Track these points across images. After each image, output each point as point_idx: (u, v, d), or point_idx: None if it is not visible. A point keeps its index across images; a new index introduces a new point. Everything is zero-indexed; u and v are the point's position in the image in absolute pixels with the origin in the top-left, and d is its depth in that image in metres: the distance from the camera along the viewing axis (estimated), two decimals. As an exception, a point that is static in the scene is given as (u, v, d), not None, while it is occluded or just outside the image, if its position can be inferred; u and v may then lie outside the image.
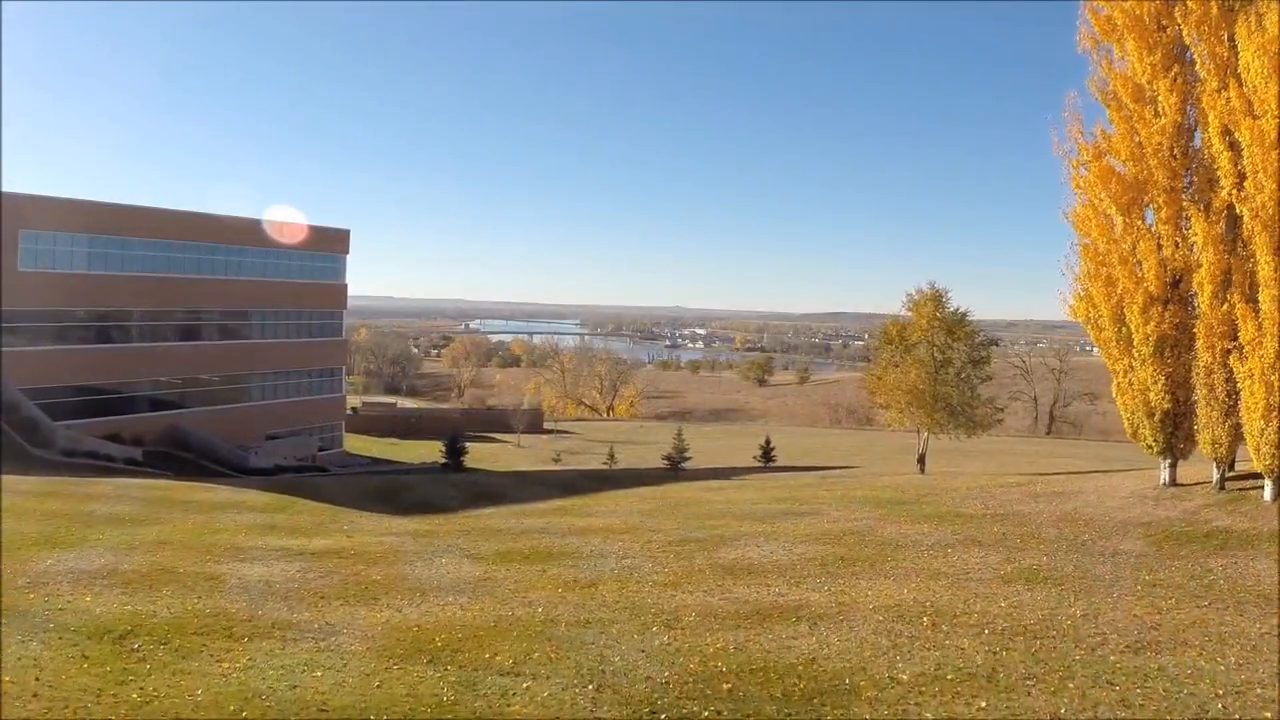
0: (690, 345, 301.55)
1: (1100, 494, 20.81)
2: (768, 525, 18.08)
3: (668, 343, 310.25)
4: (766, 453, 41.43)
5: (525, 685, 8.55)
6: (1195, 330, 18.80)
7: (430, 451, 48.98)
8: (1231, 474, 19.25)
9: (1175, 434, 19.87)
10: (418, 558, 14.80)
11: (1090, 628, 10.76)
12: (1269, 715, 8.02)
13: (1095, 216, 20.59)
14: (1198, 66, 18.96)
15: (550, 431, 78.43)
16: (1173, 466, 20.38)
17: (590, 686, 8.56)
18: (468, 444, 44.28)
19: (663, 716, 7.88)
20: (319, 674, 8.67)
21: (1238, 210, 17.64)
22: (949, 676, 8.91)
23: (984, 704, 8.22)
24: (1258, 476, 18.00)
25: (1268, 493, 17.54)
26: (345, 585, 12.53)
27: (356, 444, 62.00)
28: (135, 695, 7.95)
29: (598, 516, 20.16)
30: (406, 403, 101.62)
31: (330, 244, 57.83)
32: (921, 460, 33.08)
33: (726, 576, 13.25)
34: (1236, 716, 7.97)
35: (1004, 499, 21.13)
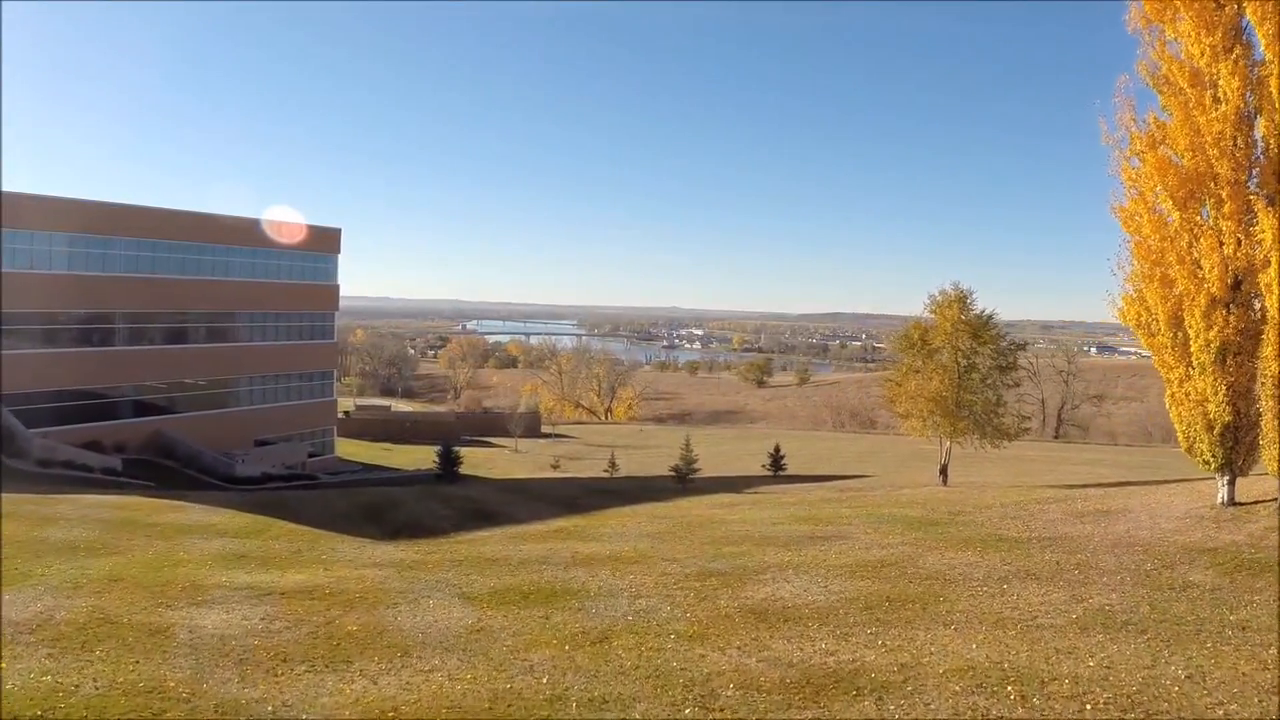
0: (688, 346, 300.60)
1: (1151, 513, 19.11)
2: (794, 553, 16.27)
3: (665, 343, 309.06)
4: (776, 461, 39.55)
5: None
6: (1262, 335, 17.06)
7: (425, 456, 47.20)
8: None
9: (1235, 448, 18.15)
10: (401, 598, 12.95)
11: (1202, 694, 9.02)
12: None
13: (1147, 211, 18.89)
14: (1263, 48, 17.26)
15: (548, 435, 76.69)
16: (1231, 484, 18.70)
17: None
18: (463, 449, 42.58)
19: None
20: (264, 790, 6.81)
21: (1311, 204, 15.95)
22: (1067, 782, 7.10)
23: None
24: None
25: (1343, 515, 15.84)
26: (314, 639, 10.67)
27: (349, 449, 60.32)
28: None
29: (604, 541, 18.35)
30: (402, 405, 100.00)
31: (321, 243, 56.08)
32: (944, 471, 31.26)
33: (760, 625, 11.40)
34: None
35: (1045, 519, 19.43)
